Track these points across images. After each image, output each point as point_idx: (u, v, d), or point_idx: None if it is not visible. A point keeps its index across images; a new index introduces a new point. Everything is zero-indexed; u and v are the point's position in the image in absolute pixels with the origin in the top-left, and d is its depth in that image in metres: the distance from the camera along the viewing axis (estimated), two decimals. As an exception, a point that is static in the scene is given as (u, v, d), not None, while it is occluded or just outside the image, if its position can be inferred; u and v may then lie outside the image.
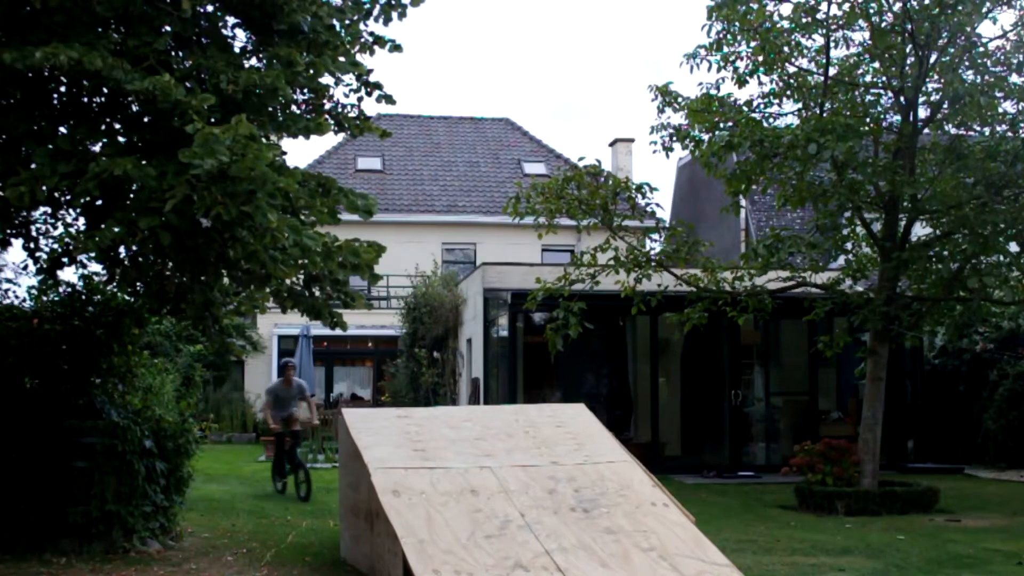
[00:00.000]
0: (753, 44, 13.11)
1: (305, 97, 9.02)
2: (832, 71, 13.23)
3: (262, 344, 25.96)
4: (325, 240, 8.30)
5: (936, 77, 12.97)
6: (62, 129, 8.09)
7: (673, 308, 14.45)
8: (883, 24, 12.84)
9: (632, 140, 31.85)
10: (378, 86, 9.13)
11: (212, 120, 7.26)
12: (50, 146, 7.55)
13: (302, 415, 14.08)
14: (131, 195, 7.78)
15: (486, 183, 30.58)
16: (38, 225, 9.42)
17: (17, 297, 10.66)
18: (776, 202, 13.99)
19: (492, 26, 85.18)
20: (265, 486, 14.16)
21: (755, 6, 12.88)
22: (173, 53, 8.22)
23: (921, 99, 13.21)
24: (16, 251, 46.95)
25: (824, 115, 12.72)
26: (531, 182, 14.09)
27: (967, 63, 12.64)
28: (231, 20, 8.72)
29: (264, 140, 7.92)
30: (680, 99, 13.43)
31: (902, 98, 13.12)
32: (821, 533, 10.78)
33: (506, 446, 8.36)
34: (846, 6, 12.86)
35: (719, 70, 13.40)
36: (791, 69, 13.55)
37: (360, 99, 9.26)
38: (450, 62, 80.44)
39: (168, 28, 7.96)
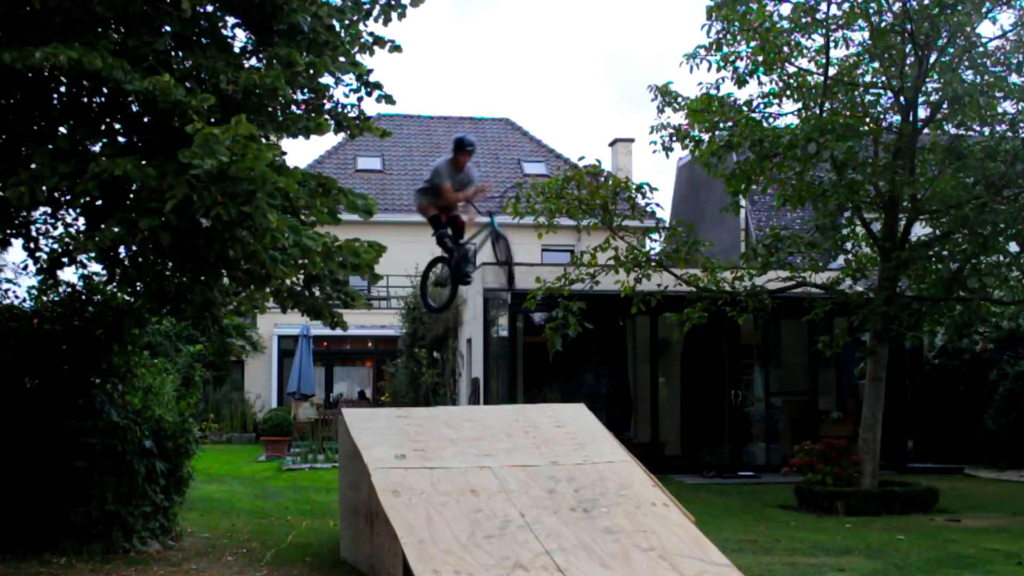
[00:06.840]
0: (753, 44, 13.11)
1: (305, 97, 9.02)
2: (832, 71, 13.22)
3: (262, 344, 25.97)
4: (325, 240, 8.29)
5: (936, 77, 12.95)
6: (62, 129, 8.09)
7: (673, 308, 14.44)
8: (883, 24, 12.83)
9: (632, 140, 31.86)
10: (378, 86, 9.13)
11: (212, 120, 7.26)
12: (50, 146, 7.54)
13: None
14: (131, 195, 7.77)
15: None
16: (38, 225, 9.41)
17: (17, 297, 10.65)
18: (776, 202, 13.99)
19: (492, 26, 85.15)
20: (265, 486, 14.14)
21: (755, 6, 12.88)
22: (173, 53, 8.21)
23: (921, 99, 13.20)
24: (16, 251, 46.96)
25: (824, 115, 12.72)
26: (531, 182, 14.08)
27: (967, 63, 12.63)
28: (231, 20, 8.71)
29: (264, 140, 7.92)
30: (680, 99, 13.43)
31: (902, 98, 13.11)
32: (821, 533, 10.77)
33: (506, 446, 8.35)
34: (846, 6, 12.86)
35: (719, 70, 13.41)
36: (791, 69, 13.55)
37: (360, 99, 9.27)
38: (450, 62, 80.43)
39: (168, 28, 7.96)
